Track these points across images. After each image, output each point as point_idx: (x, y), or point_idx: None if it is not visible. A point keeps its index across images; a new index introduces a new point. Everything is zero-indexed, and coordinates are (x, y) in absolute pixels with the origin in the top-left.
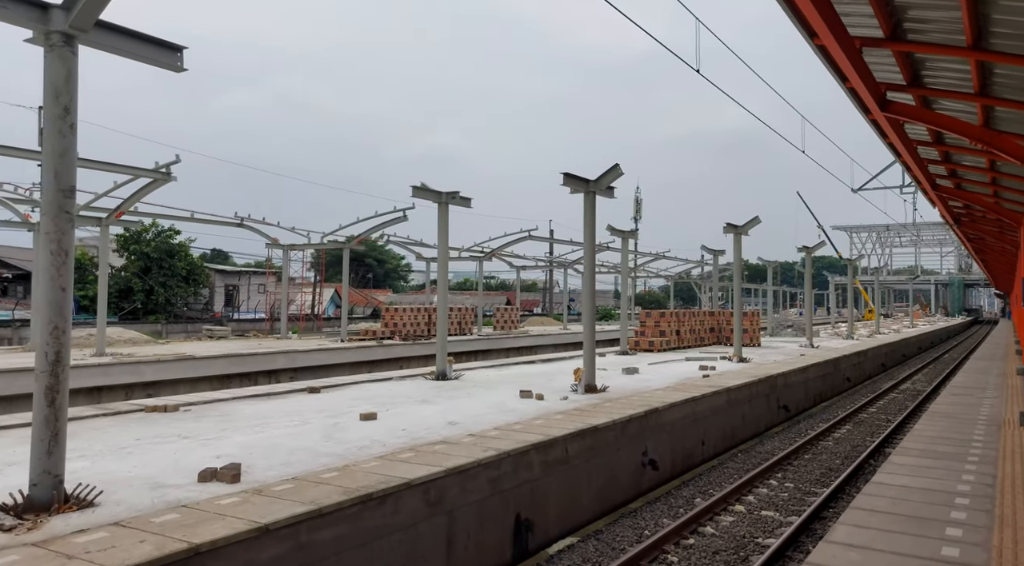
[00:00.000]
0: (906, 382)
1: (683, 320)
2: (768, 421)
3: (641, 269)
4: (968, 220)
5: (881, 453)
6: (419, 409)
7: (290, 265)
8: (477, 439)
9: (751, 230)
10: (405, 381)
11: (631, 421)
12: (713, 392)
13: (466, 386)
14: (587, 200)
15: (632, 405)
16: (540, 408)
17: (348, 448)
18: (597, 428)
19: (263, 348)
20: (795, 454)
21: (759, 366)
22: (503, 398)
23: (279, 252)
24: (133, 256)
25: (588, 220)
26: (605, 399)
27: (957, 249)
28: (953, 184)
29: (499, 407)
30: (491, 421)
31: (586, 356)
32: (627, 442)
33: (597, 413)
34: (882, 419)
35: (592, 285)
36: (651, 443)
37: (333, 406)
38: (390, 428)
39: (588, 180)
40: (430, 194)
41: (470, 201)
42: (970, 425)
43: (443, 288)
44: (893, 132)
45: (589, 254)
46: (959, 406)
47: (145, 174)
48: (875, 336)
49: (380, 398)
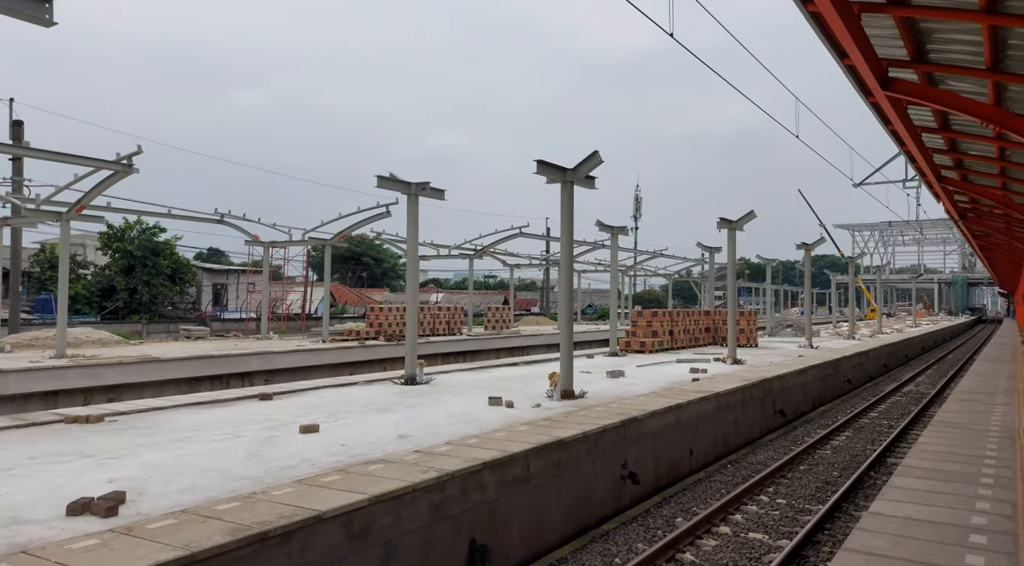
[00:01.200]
0: (909, 384)
1: (677, 320)
2: (763, 427)
3: (640, 268)
4: (974, 216)
5: (882, 463)
6: (372, 419)
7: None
8: (422, 457)
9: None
10: (371, 386)
11: (605, 432)
12: (700, 398)
13: (434, 392)
14: (564, 190)
15: (609, 414)
16: (507, 417)
17: (269, 469)
18: (564, 441)
19: (239, 349)
20: (789, 465)
21: (754, 368)
22: (469, 406)
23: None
24: (117, 254)
25: (565, 212)
26: (581, 406)
27: (961, 247)
28: (959, 176)
29: (462, 416)
30: (447, 433)
31: (562, 359)
32: (601, 455)
33: (567, 424)
34: (884, 425)
35: (569, 282)
36: (631, 455)
37: (278, 416)
38: (328, 443)
39: (565, 169)
40: (398, 185)
41: (443, 193)
42: (981, 437)
43: (412, 285)
44: (896, 116)
45: (566, 248)
46: (967, 414)
47: (106, 166)
48: (877, 336)
49: (334, 406)
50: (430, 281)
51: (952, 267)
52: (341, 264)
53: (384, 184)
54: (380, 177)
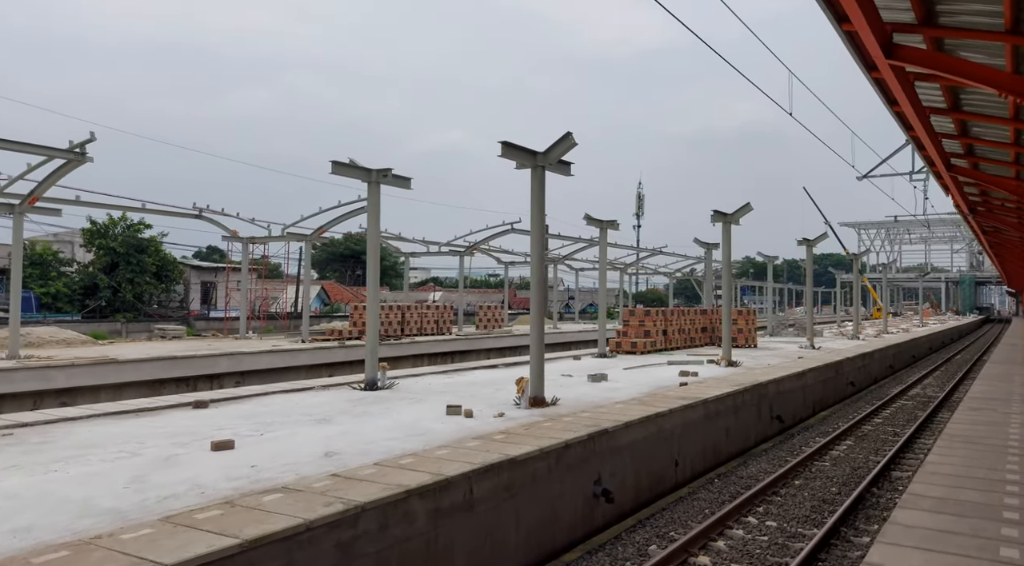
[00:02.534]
0: (916, 387)
1: (671, 319)
2: (758, 434)
3: (642, 266)
4: (984, 210)
5: (886, 478)
6: (305, 433)
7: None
8: (336, 483)
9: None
10: (327, 391)
11: (569, 447)
12: (685, 406)
13: (393, 398)
14: (534, 176)
15: (577, 425)
16: (460, 430)
17: (144, 500)
18: (516, 460)
19: (210, 350)
20: (783, 479)
21: (749, 371)
22: (422, 416)
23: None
24: (100, 251)
25: (536, 200)
26: (550, 416)
27: (968, 246)
28: (970, 164)
29: (410, 428)
30: (383, 450)
31: (532, 363)
32: (567, 472)
33: (526, 438)
34: (888, 432)
35: (541, 277)
36: (606, 470)
37: (200, 428)
38: (236, 464)
39: (535, 152)
40: (357, 171)
41: (409, 181)
42: (998, 455)
43: (373, 280)
44: (902, 92)
45: (537, 241)
46: (981, 426)
47: (58, 154)
48: (882, 336)
49: (272, 416)
50: (430, 279)
51: (959, 266)
52: (340, 262)
53: (340, 171)
54: (336, 163)
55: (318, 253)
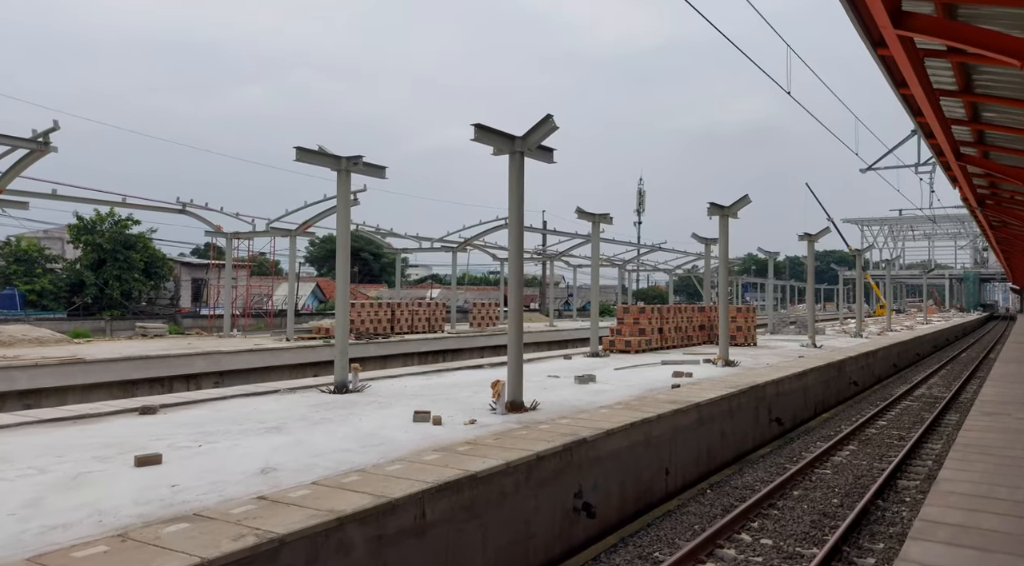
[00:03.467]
0: (921, 386)
1: (667, 317)
2: (757, 438)
3: (644, 263)
4: (993, 203)
5: (891, 488)
6: (248, 444)
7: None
8: (261, 508)
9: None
10: (293, 394)
11: (543, 459)
12: (674, 411)
13: (359, 403)
14: (513, 163)
15: (554, 434)
16: (424, 440)
17: (24, 531)
18: (478, 476)
19: (189, 349)
20: (781, 489)
21: (747, 371)
22: (386, 423)
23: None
24: (88, 248)
25: (514, 188)
26: (526, 423)
27: (973, 242)
28: (980, 152)
29: (368, 438)
30: (330, 466)
31: (510, 365)
32: (541, 486)
33: (494, 450)
34: (894, 436)
35: (520, 271)
36: (587, 481)
37: (133, 438)
38: (155, 484)
39: (513, 137)
40: (325, 159)
41: (383, 171)
42: (1017, 470)
43: (343, 276)
44: (911, 69)
45: (515, 232)
46: (997, 433)
47: (21, 144)
48: (886, 333)
49: (221, 424)
50: (429, 277)
51: (963, 262)
52: None
53: (306, 158)
54: (301, 150)
55: (316, 250)
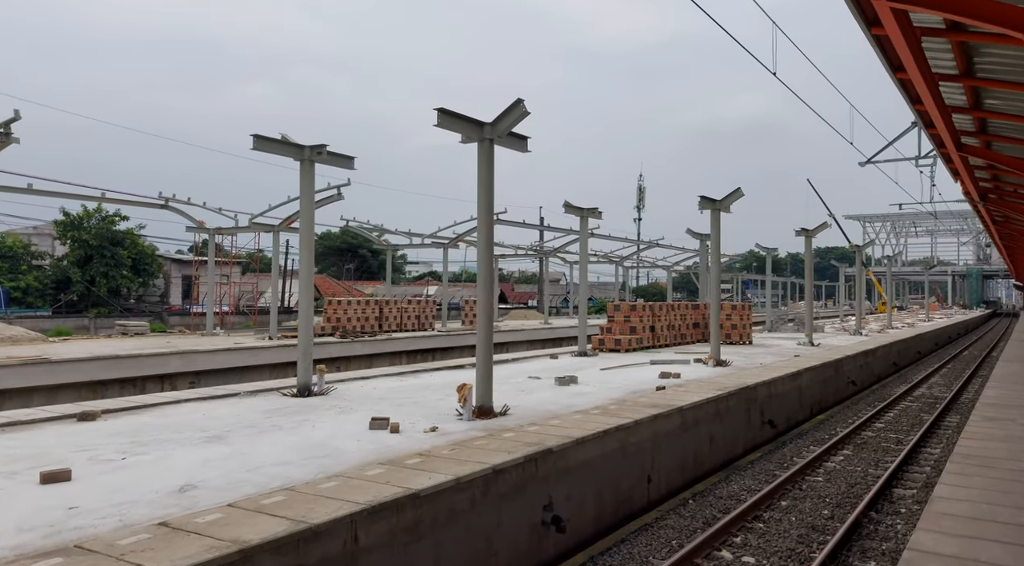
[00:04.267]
0: (921, 386)
1: (659, 314)
2: (748, 441)
3: (642, 260)
4: (996, 197)
5: (886, 498)
6: (179, 456)
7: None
8: (157, 537)
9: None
10: (253, 397)
11: (501, 473)
12: (654, 416)
13: (319, 408)
14: (482, 151)
15: (517, 444)
16: (375, 450)
17: None
18: (421, 495)
19: (167, 347)
20: (769, 499)
21: (739, 372)
22: (340, 431)
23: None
24: (75, 244)
25: (483, 177)
26: (492, 430)
27: (975, 239)
28: (982, 142)
29: (314, 449)
30: (261, 482)
31: (478, 367)
32: (501, 501)
33: (446, 463)
34: (891, 440)
35: (488, 264)
36: (558, 493)
37: (54, 450)
38: (51, 505)
39: (482, 123)
40: (288, 149)
41: (351, 161)
42: (1021, 486)
43: (306, 271)
44: (908, 50)
45: (484, 222)
46: (999, 442)
47: None
48: (886, 331)
49: (159, 432)
50: (428, 273)
51: (966, 259)
52: (337, 256)
53: (264, 146)
54: (259, 138)
55: (315, 246)
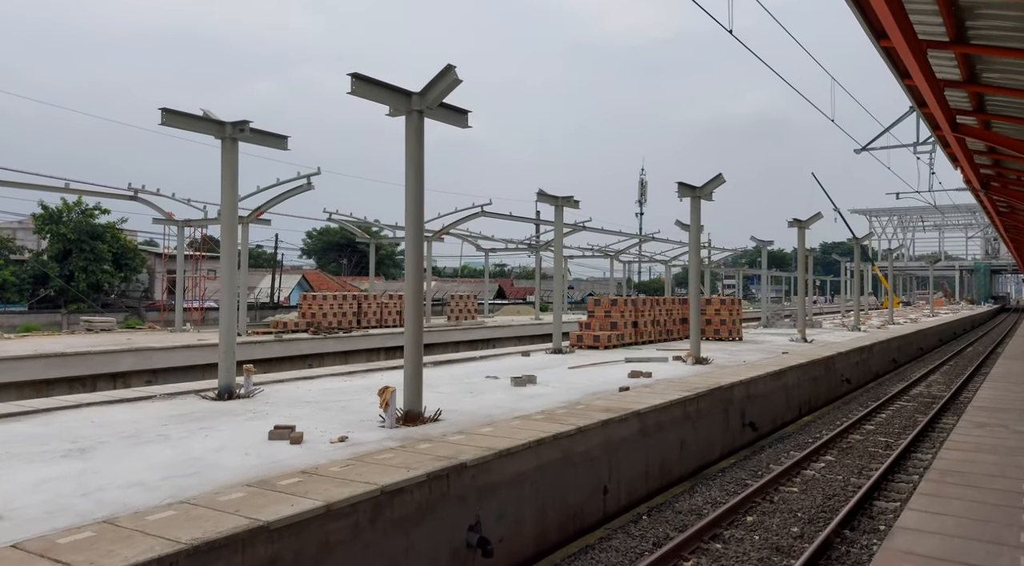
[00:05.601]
0: (920, 384)
1: (643, 310)
2: (726, 445)
3: (639, 254)
4: (999, 185)
5: (865, 512)
6: (19, 475)
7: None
8: None
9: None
10: (168, 401)
11: (402, 493)
12: (605, 421)
13: (230, 413)
14: (410, 124)
15: (428, 458)
16: (257, 467)
17: None
18: (272, 528)
19: (126, 344)
20: (732, 514)
21: (717, 370)
22: (232, 442)
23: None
24: (54, 238)
25: (411, 153)
26: (411, 440)
27: (984, 233)
28: (980, 122)
29: (186, 466)
30: (87, 509)
31: (406, 369)
32: (407, 524)
33: (326, 484)
34: (880, 444)
35: (418, 252)
36: (487, 510)
37: None
38: None
39: (409, 93)
40: (206, 125)
41: (284, 141)
42: (1008, 517)
43: (228, 261)
44: (889, 13)
45: (412, 204)
46: (987, 454)
47: None
48: (887, 327)
49: (20, 444)
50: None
51: (974, 254)
52: (336, 251)
53: (176, 122)
54: (169, 112)
55: (314, 242)
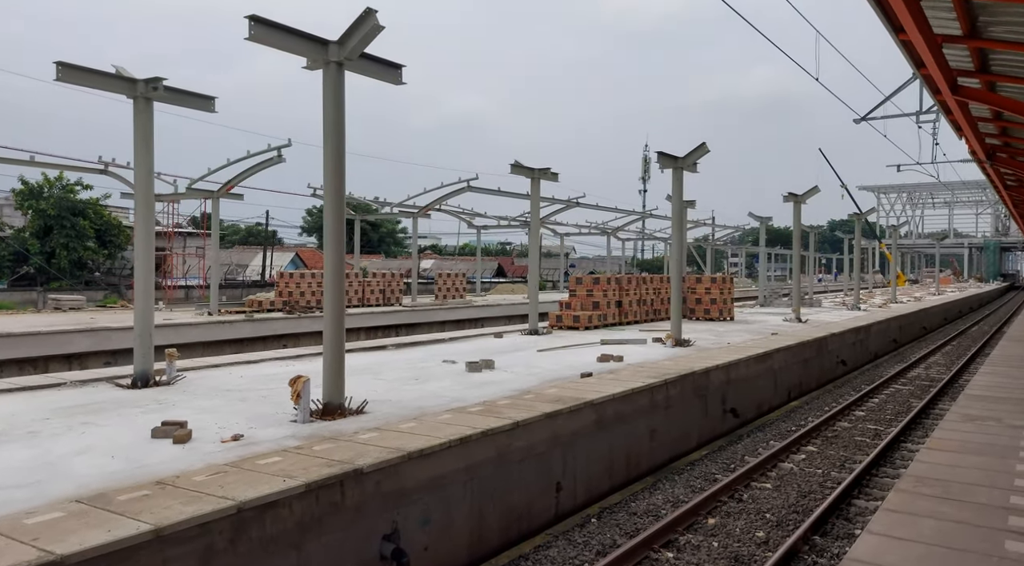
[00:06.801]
0: (919, 366)
1: (627, 288)
2: (704, 434)
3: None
4: (1006, 156)
5: (841, 513)
6: None
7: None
8: None
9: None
10: (75, 389)
11: (273, 507)
12: (549, 413)
13: (132, 404)
14: (327, 76)
15: (320, 463)
16: (121, 471)
17: None
18: (75, 563)
19: (86, 324)
20: (693, 515)
21: (697, 354)
22: (109, 440)
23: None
24: (35, 215)
25: (329, 109)
26: (322, 437)
27: (994, 209)
28: (984, 83)
29: (32, 473)
30: None
31: (326, 355)
32: (260, 546)
33: (173, 501)
34: (868, 432)
35: (338, 221)
36: (407, 516)
37: None
38: None
39: (326, 41)
40: (113, 82)
41: (211, 102)
42: (989, 541)
43: (145, 234)
44: None
45: (332, 166)
46: (974, 455)
47: None
48: (889, 306)
49: None
50: (428, 247)
51: (984, 231)
52: None
53: (73, 78)
54: (64, 66)
55: (314, 219)
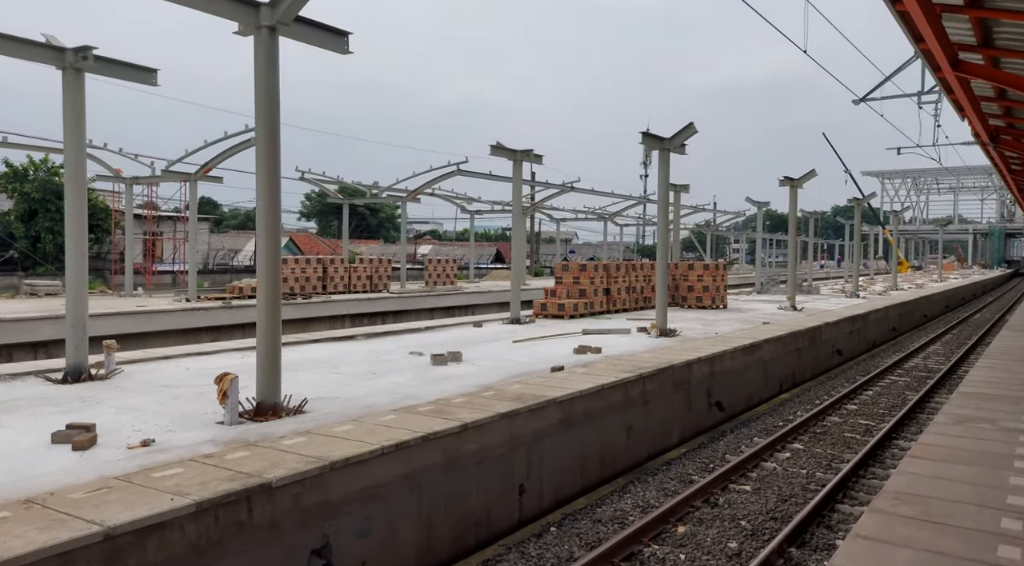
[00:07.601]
0: (917, 356)
1: (616, 275)
2: (687, 429)
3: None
4: (1011, 138)
5: (824, 520)
6: None
7: None
8: None
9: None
10: (6, 383)
11: (165, 528)
12: (505, 413)
13: (51, 402)
14: (259, 43)
15: (230, 475)
16: (2, 484)
17: None
18: None
19: (54, 311)
20: (661, 523)
21: (681, 344)
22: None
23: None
24: (20, 198)
25: (261, 80)
26: (244, 443)
27: (999, 195)
28: (986, 58)
29: None
30: None
31: (259, 348)
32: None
33: (37, 527)
34: (859, 428)
35: (273, 201)
36: (339, 528)
37: None
38: None
39: (257, 4)
40: (38, 51)
41: (153, 75)
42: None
43: (76, 215)
44: None
45: (265, 142)
46: (963, 464)
47: None
48: (889, 293)
49: None
50: (427, 232)
51: (990, 217)
52: (334, 214)
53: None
54: None
55: (313, 204)
